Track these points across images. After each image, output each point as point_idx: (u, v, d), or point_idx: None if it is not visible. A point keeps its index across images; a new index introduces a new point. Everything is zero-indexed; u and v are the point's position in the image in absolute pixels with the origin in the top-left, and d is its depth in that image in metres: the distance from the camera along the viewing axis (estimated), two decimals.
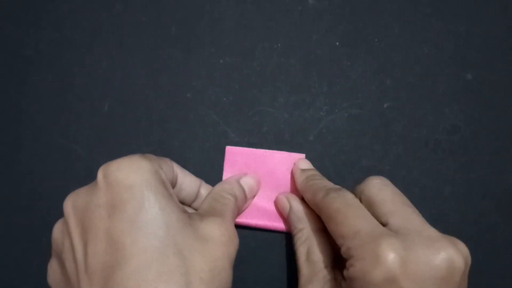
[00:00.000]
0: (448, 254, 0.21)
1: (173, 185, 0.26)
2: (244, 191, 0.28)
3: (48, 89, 0.32)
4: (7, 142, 0.32)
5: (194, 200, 0.28)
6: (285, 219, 0.29)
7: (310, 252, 0.25)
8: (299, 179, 0.28)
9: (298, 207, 0.28)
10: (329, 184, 0.27)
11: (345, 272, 0.22)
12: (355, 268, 0.21)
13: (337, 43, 0.32)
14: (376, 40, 0.32)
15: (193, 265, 0.20)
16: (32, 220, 0.31)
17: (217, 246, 0.22)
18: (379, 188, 0.25)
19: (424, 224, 0.22)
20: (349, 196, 0.24)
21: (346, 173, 0.31)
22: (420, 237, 0.21)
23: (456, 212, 0.31)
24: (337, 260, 0.26)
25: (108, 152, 0.31)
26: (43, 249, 0.31)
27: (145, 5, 0.33)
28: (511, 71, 0.32)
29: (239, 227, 0.29)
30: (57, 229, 0.23)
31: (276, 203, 0.29)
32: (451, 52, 0.32)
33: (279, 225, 0.29)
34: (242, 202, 0.28)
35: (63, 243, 0.22)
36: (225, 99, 0.32)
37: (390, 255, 0.20)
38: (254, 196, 0.30)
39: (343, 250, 0.22)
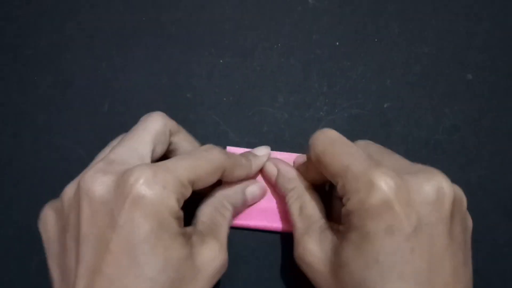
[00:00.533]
0: (437, 181, 0.22)
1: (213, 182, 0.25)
2: (246, 200, 0.28)
3: (48, 89, 0.32)
4: (7, 142, 0.32)
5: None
6: (286, 219, 0.29)
7: (303, 207, 0.26)
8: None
9: (286, 169, 0.28)
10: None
11: (343, 210, 0.22)
12: (351, 201, 0.21)
13: (337, 43, 0.32)
14: (376, 40, 0.32)
15: None
16: (32, 220, 0.31)
17: (205, 278, 0.22)
18: (365, 145, 0.25)
19: (414, 163, 0.23)
20: (331, 133, 0.24)
21: None
22: (410, 168, 0.22)
23: None
24: (330, 217, 0.26)
25: None
26: (43, 249, 0.31)
27: (145, 5, 0.33)
28: (511, 71, 0.32)
29: (238, 228, 0.29)
30: (69, 194, 0.23)
31: (263, 172, 0.29)
32: (451, 52, 0.32)
33: (279, 225, 0.29)
34: (241, 209, 0.28)
35: (69, 214, 0.22)
36: (225, 99, 0.32)
37: (384, 181, 0.20)
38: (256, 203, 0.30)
39: (338, 188, 0.22)
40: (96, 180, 0.21)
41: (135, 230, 0.20)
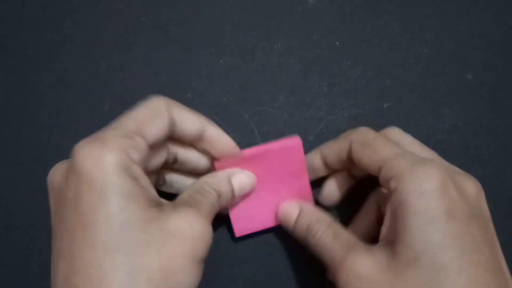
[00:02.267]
0: (477, 183, 0.23)
1: (168, 135, 0.24)
2: (232, 189, 0.26)
3: (48, 89, 0.32)
4: (7, 142, 0.32)
5: (199, 140, 0.26)
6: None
7: (337, 234, 0.25)
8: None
9: (308, 206, 0.28)
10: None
11: (391, 201, 0.22)
12: (403, 183, 0.21)
13: (337, 43, 0.32)
14: (376, 40, 0.32)
15: (143, 264, 0.19)
16: (32, 220, 0.31)
17: (179, 241, 0.21)
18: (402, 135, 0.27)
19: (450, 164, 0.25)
20: (369, 133, 0.25)
21: None
22: (451, 167, 0.25)
23: None
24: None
25: None
26: (43, 249, 0.31)
27: (145, 5, 0.33)
28: (511, 71, 0.32)
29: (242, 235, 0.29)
30: (50, 179, 0.23)
31: (280, 215, 0.28)
32: (451, 52, 0.32)
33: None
34: (227, 199, 0.26)
35: (52, 194, 0.23)
36: (225, 99, 0.32)
37: (438, 169, 0.21)
38: (247, 194, 0.28)
39: (384, 172, 0.23)
40: (53, 171, 0.22)
41: (83, 199, 0.20)
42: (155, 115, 0.23)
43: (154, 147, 0.24)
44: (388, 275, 0.21)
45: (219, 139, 0.26)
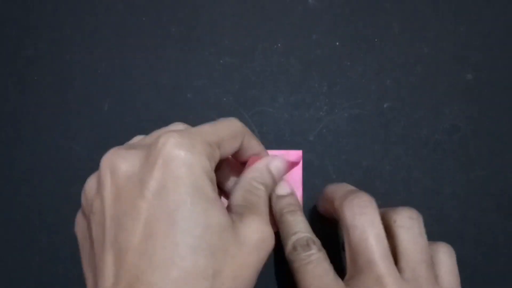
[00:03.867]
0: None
1: (236, 149, 0.25)
2: (273, 177, 0.26)
3: (48, 89, 0.32)
4: (7, 142, 0.32)
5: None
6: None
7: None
8: (274, 207, 0.27)
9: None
10: (300, 226, 0.26)
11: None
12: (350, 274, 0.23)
13: (337, 43, 0.32)
14: (376, 40, 0.32)
15: (221, 270, 0.19)
16: (32, 220, 0.31)
17: (249, 251, 0.21)
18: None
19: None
20: (312, 256, 0.24)
21: (346, 173, 0.31)
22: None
23: (456, 212, 0.31)
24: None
25: None
26: (43, 249, 0.31)
27: (145, 5, 0.33)
28: (511, 71, 0.32)
29: None
30: (91, 185, 0.22)
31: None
32: (451, 52, 0.32)
33: None
34: (272, 189, 0.27)
35: (92, 203, 0.21)
36: (225, 99, 0.32)
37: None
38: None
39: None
40: (118, 156, 0.21)
41: (169, 194, 0.19)
42: (234, 136, 0.24)
43: None
44: None
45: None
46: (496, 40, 0.32)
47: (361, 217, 0.23)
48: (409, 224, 0.23)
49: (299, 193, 0.29)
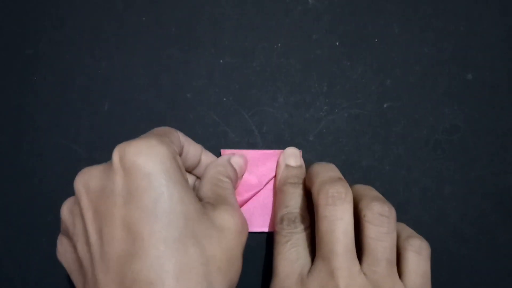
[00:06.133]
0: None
1: (180, 155, 0.26)
2: (235, 171, 0.28)
3: (48, 89, 0.32)
4: (7, 142, 0.32)
5: (195, 167, 0.28)
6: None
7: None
8: (279, 175, 0.28)
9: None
10: (295, 200, 0.27)
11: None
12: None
13: (337, 43, 0.32)
14: (376, 40, 0.32)
15: (212, 255, 0.20)
16: (32, 220, 0.31)
17: (232, 235, 0.22)
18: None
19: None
20: (294, 235, 0.25)
21: (346, 173, 0.30)
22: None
23: (456, 212, 0.31)
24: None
25: (108, 152, 0.31)
26: (43, 249, 0.31)
27: (145, 5, 0.33)
28: (511, 71, 0.32)
29: None
30: (67, 208, 0.23)
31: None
32: (451, 52, 0.32)
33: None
34: (235, 183, 0.28)
35: (74, 224, 0.22)
36: (225, 99, 0.32)
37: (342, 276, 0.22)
38: (242, 176, 0.29)
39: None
40: (88, 174, 0.22)
41: (143, 193, 0.20)
42: (170, 131, 0.25)
43: None
44: None
45: (212, 161, 0.28)
46: (496, 40, 0.32)
47: (332, 209, 0.23)
48: (377, 221, 0.23)
49: None
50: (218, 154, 0.30)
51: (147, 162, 0.20)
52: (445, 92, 0.32)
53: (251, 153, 0.30)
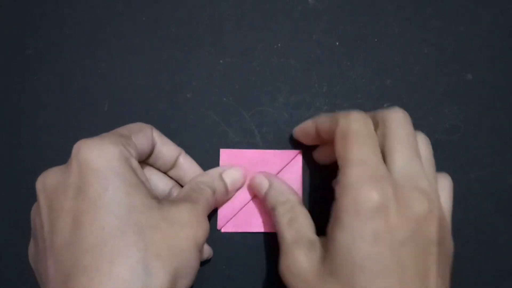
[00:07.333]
0: (429, 204, 0.22)
1: (149, 154, 0.26)
2: (225, 185, 0.28)
3: (48, 89, 0.32)
4: (7, 142, 0.32)
5: (171, 168, 0.28)
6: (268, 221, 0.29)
7: (293, 220, 0.25)
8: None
9: (279, 182, 0.28)
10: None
11: (334, 204, 0.22)
12: (343, 197, 0.21)
13: (337, 43, 0.32)
14: (376, 40, 0.32)
15: (152, 242, 0.21)
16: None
17: (182, 228, 0.22)
18: (398, 125, 0.24)
19: (420, 174, 0.23)
20: (355, 123, 0.24)
21: None
22: (416, 180, 0.22)
23: (456, 212, 0.31)
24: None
25: None
26: None
27: (145, 5, 0.33)
28: (511, 71, 0.32)
29: (234, 232, 0.29)
30: (32, 211, 0.24)
31: (252, 184, 0.29)
32: (451, 52, 0.32)
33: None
34: (222, 195, 0.28)
35: (35, 223, 0.23)
36: (225, 99, 0.32)
37: (382, 192, 0.21)
38: (239, 188, 0.29)
39: (339, 174, 0.22)
40: (46, 174, 0.23)
41: (90, 186, 0.21)
42: (142, 129, 0.26)
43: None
44: (316, 279, 0.22)
45: (191, 166, 0.28)
46: (496, 40, 0.32)
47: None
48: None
49: (299, 193, 0.29)
50: (218, 154, 0.30)
51: (96, 159, 0.21)
52: (445, 92, 0.32)
53: (251, 153, 0.30)
